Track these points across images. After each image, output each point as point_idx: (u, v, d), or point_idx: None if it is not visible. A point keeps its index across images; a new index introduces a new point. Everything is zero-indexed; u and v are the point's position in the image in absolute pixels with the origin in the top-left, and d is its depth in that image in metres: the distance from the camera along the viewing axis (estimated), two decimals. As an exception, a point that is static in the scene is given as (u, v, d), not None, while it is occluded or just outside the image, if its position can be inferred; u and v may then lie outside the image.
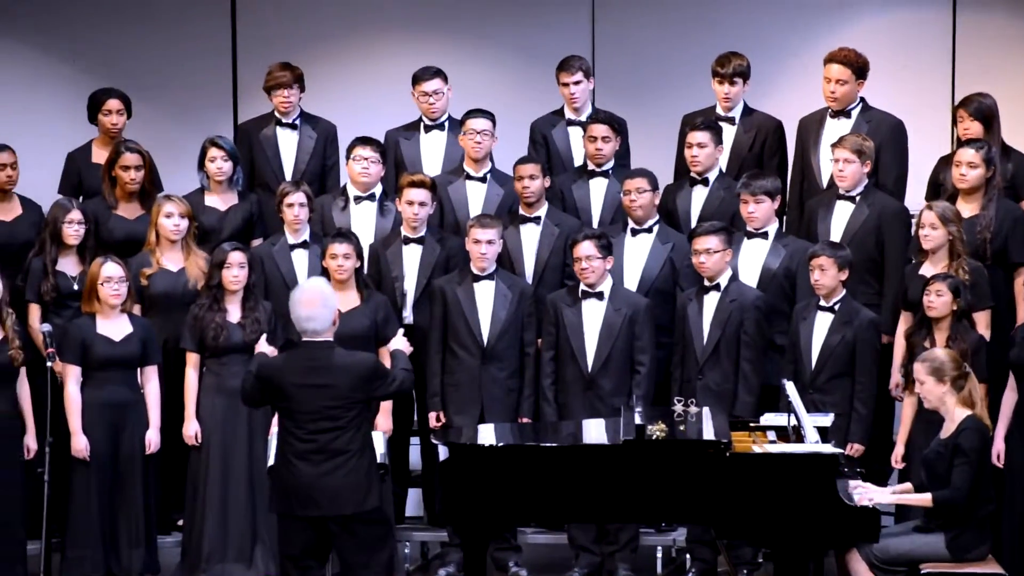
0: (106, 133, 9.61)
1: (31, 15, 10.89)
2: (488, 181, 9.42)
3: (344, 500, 7.41)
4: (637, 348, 8.82)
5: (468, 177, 9.42)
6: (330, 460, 7.40)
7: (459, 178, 9.44)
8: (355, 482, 7.42)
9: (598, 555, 8.91)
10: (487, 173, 9.44)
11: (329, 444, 7.41)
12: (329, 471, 7.40)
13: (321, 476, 7.39)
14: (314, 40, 10.92)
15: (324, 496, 7.40)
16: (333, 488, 7.39)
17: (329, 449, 7.41)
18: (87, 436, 8.65)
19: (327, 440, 7.40)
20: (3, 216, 9.29)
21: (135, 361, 8.75)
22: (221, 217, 9.37)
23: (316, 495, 7.40)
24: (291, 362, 7.50)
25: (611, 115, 9.48)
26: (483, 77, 10.72)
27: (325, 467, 7.40)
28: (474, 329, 8.90)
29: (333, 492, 7.39)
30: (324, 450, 7.41)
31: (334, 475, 7.40)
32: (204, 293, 8.88)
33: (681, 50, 10.81)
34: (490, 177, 9.43)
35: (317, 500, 7.40)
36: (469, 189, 9.42)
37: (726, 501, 7.53)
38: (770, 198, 8.99)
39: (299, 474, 7.40)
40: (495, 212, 9.26)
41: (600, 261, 8.79)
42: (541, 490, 7.61)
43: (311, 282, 7.83)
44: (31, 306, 9.00)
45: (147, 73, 10.74)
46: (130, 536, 8.73)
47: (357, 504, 7.42)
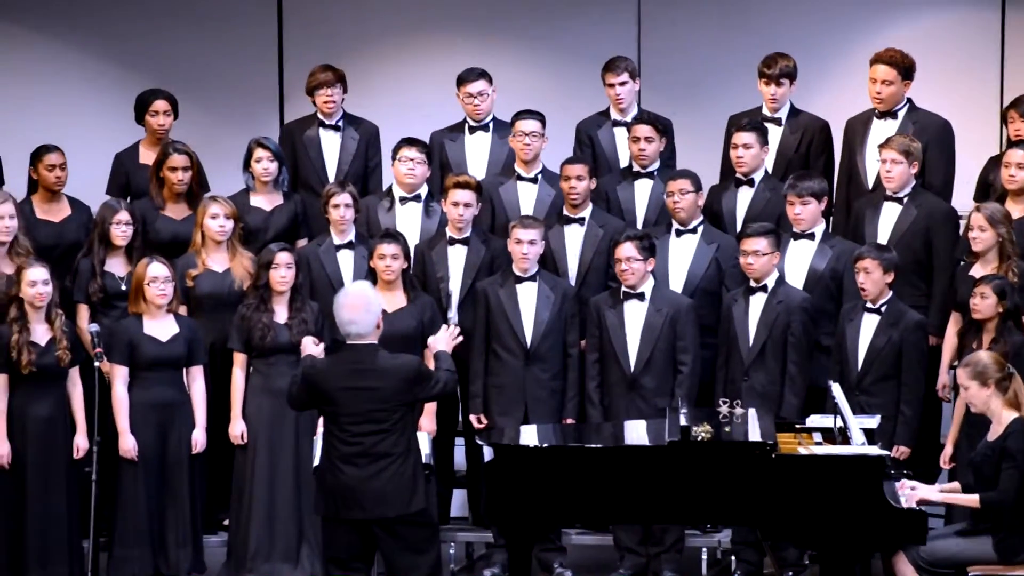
0: (153, 134, 9.64)
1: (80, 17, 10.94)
2: (539, 182, 9.41)
3: (389, 502, 7.40)
4: (679, 348, 8.81)
5: (519, 178, 9.42)
6: (375, 463, 7.40)
7: (510, 179, 9.44)
8: (400, 484, 7.41)
9: (643, 556, 8.89)
10: (538, 174, 9.43)
11: (374, 447, 7.41)
12: (374, 474, 7.39)
13: (366, 479, 7.39)
14: (360, 41, 10.94)
15: (369, 499, 7.39)
16: (378, 490, 7.39)
17: (374, 452, 7.40)
18: (134, 436, 8.69)
19: (372, 443, 7.40)
20: (52, 217, 9.34)
21: (181, 361, 8.78)
22: (266, 217, 9.39)
23: (360, 498, 7.39)
24: (335, 365, 7.51)
25: (655, 116, 9.47)
26: (528, 78, 10.72)
27: (370, 470, 7.40)
28: (517, 331, 8.91)
29: (378, 494, 7.39)
30: (369, 453, 7.40)
31: (378, 478, 7.39)
32: (251, 293, 8.90)
33: (727, 51, 10.79)
34: (541, 178, 9.42)
35: (362, 502, 7.40)
36: (520, 190, 9.42)
37: (772, 503, 7.50)
38: (816, 199, 8.96)
39: (344, 477, 7.40)
40: (545, 213, 9.26)
41: (641, 263, 8.78)
42: (586, 491, 7.60)
43: (355, 286, 7.86)
44: (80, 306, 9.03)
45: (194, 74, 10.78)
46: (177, 535, 8.76)
47: (402, 506, 7.42)
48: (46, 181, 9.29)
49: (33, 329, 8.60)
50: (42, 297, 8.58)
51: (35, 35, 10.93)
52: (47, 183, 9.29)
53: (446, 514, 9.33)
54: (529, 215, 9.14)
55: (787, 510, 7.50)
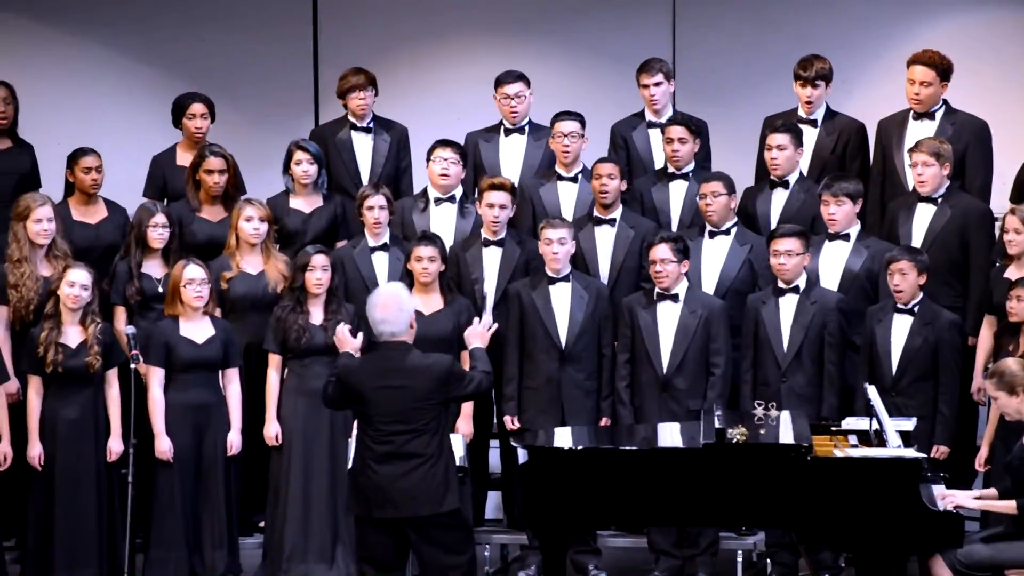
0: (190, 137, 9.67)
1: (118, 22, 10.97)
2: (579, 181, 9.41)
3: (421, 501, 7.39)
4: (712, 350, 8.79)
5: (559, 179, 9.43)
6: (406, 462, 7.38)
7: (550, 180, 9.44)
8: (432, 484, 7.39)
9: (678, 559, 8.88)
10: (578, 174, 9.43)
11: (405, 446, 7.39)
12: (405, 473, 7.38)
13: (397, 478, 7.37)
14: (395, 44, 10.95)
15: (400, 498, 7.37)
16: (409, 490, 7.37)
17: (405, 451, 7.39)
18: (170, 438, 8.71)
19: (404, 442, 7.40)
20: (88, 219, 9.37)
21: (217, 363, 8.81)
22: (305, 220, 9.41)
23: (393, 496, 7.37)
24: (368, 365, 7.52)
25: (689, 117, 9.46)
26: (563, 80, 10.72)
27: (401, 469, 7.38)
28: (551, 332, 8.91)
29: (410, 494, 7.37)
30: (400, 452, 7.39)
31: (410, 477, 7.38)
32: (287, 295, 8.93)
33: (762, 52, 10.77)
34: (581, 177, 9.42)
35: (394, 501, 7.38)
36: (560, 190, 9.42)
37: (807, 505, 7.49)
38: (851, 200, 8.94)
39: (375, 476, 7.39)
40: (586, 212, 9.25)
41: (675, 264, 8.77)
42: (621, 493, 7.60)
43: (387, 286, 7.88)
44: (117, 309, 9.05)
45: (231, 78, 10.81)
46: (213, 537, 8.78)
47: (434, 506, 7.40)
48: (82, 184, 9.33)
49: (65, 331, 8.63)
50: (76, 300, 8.61)
51: (73, 39, 10.98)
52: (83, 186, 9.33)
53: (481, 516, 9.34)
54: (557, 216, 9.13)
55: (823, 513, 7.49)
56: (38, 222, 8.87)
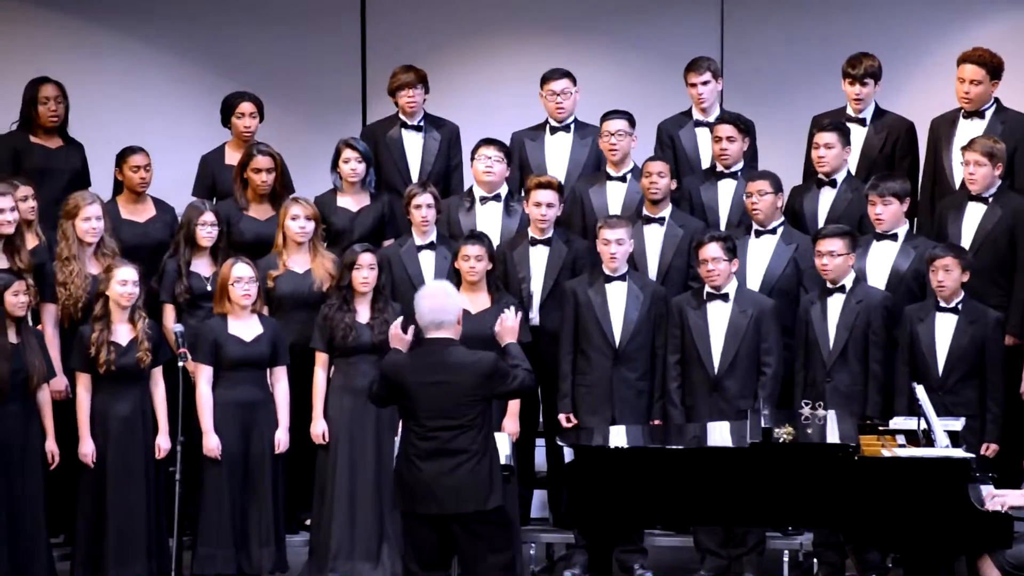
0: (239, 136, 9.71)
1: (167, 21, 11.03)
2: (628, 181, 9.40)
3: (465, 498, 7.37)
4: (763, 350, 8.77)
5: (608, 178, 9.42)
6: (451, 458, 7.36)
7: (600, 181, 9.43)
8: (476, 481, 7.37)
9: (724, 558, 8.86)
10: (627, 173, 9.42)
11: (450, 442, 7.38)
12: (449, 469, 7.36)
13: (443, 474, 7.35)
14: (443, 42, 10.96)
15: (445, 493, 7.36)
16: (454, 486, 7.36)
17: (450, 448, 7.38)
18: (218, 435, 8.74)
19: (448, 438, 7.38)
20: (137, 217, 9.41)
21: (265, 361, 8.83)
22: (352, 218, 9.43)
23: (437, 492, 7.36)
24: (414, 360, 7.51)
25: (737, 115, 9.43)
26: (610, 78, 10.71)
27: (445, 465, 7.36)
28: (606, 330, 8.90)
29: (454, 490, 7.36)
30: (445, 449, 7.38)
31: (455, 473, 7.36)
32: (334, 294, 8.95)
33: (811, 51, 10.73)
34: (630, 177, 9.41)
35: (438, 497, 7.37)
36: (609, 190, 9.41)
37: (854, 505, 7.46)
38: (898, 200, 8.90)
39: (420, 473, 7.38)
40: (635, 211, 9.24)
41: (726, 263, 8.75)
42: (667, 493, 7.58)
43: (436, 282, 7.94)
44: (165, 307, 9.09)
45: (279, 77, 10.84)
46: (260, 535, 8.80)
47: (479, 502, 7.38)
48: (131, 182, 9.37)
49: (115, 329, 8.67)
50: (128, 297, 8.66)
51: (123, 38, 11.03)
52: (132, 184, 9.37)
53: (527, 515, 9.33)
54: (615, 214, 9.12)
55: (870, 513, 7.46)
56: (87, 220, 8.92)
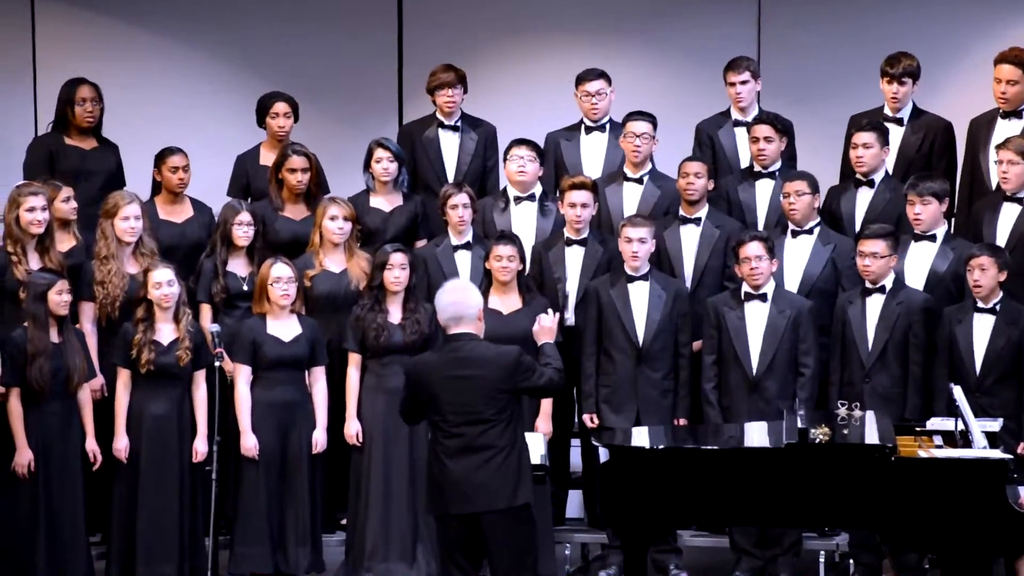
0: (274, 136, 9.73)
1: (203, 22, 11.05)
2: (645, 182, 9.39)
3: (495, 494, 7.33)
4: (801, 350, 8.75)
5: (625, 179, 9.41)
6: (479, 454, 7.33)
7: (617, 180, 9.42)
8: (505, 477, 7.33)
9: (760, 559, 8.84)
10: (644, 175, 9.41)
11: (477, 438, 7.34)
12: (478, 465, 7.32)
13: (471, 471, 7.32)
14: (479, 42, 10.96)
15: (475, 490, 7.32)
16: (483, 483, 7.32)
17: (477, 444, 7.34)
18: (256, 435, 8.76)
19: (475, 434, 7.34)
20: (174, 217, 9.44)
21: (303, 361, 8.85)
22: (385, 218, 9.44)
23: (467, 490, 7.33)
24: (437, 356, 7.48)
25: (775, 116, 9.41)
26: (648, 78, 10.70)
27: (476, 462, 7.33)
28: (629, 330, 8.88)
29: (483, 486, 7.32)
30: (472, 446, 7.33)
31: (483, 470, 7.32)
32: (366, 294, 8.95)
33: (849, 51, 10.69)
34: (647, 179, 9.39)
35: (469, 495, 7.33)
36: (625, 191, 9.41)
37: (891, 506, 7.44)
38: (937, 200, 8.87)
39: (449, 472, 7.35)
40: (650, 213, 9.23)
41: (767, 262, 8.74)
42: (702, 493, 7.58)
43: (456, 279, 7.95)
44: (203, 306, 9.10)
45: (314, 77, 10.86)
46: (297, 534, 8.82)
47: (509, 499, 7.34)
48: (169, 183, 9.40)
49: (159, 328, 8.69)
50: (168, 299, 8.68)
51: (159, 39, 11.07)
52: (170, 185, 9.40)
53: (561, 515, 9.33)
54: (638, 214, 9.11)
55: (907, 514, 7.44)
56: (125, 220, 8.95)
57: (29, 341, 8.43)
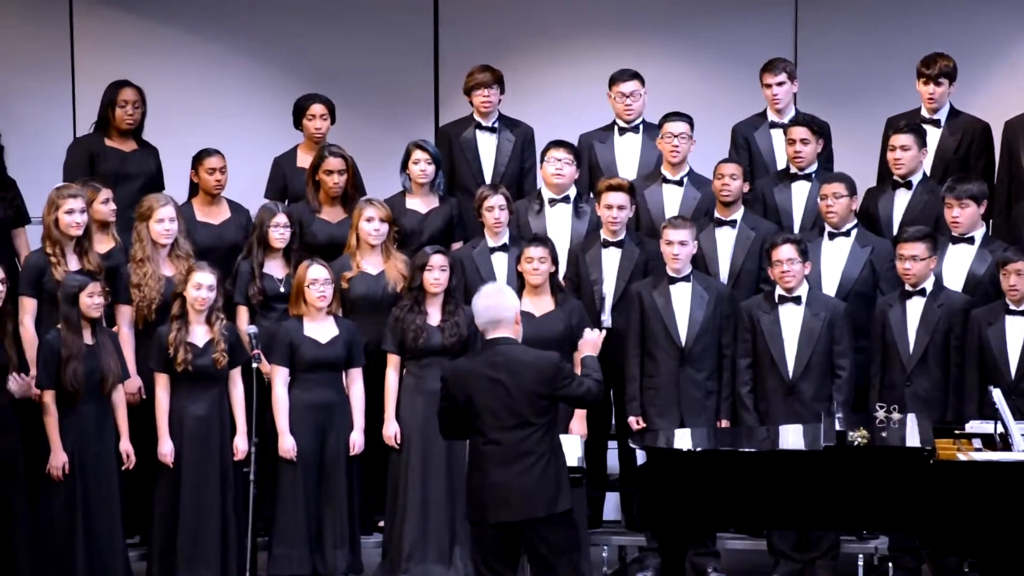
0: (311, 138, 9.74)
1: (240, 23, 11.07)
2: (685, 184, 9.37)
3: (536, 502, 7.31)
4: (837, 353, 8.72)
5: (665, 180, 9.39)
6: (519, 461, 7.30)
7: (656, 182, 9.41)
8: (546, 483, 7.31)
9: (798, 562, 8.82)
10: (684, 176, 9.39)
11: (517, 445, 7.31)
12: (520, 473, 7.30)
13: (513, 478, 7.30)
14: (515, 43, 10.94)
15: (515, 498, 7.30)
16: (524, 490, 7.29)
17: (518, 450, 7.30)
18: (294, 437, 8.78)
19: (514, 440, 7.32)
20: (211, 219, 9.46)
21: (341, 363, 8.86)
22: (422, 220, 9.45)
23: (508, 497, 7.30)
24: (475, 360, 7.46)
25: (812, 117, 9.39)
26: (684, 80, 10.67)
27: (516, 469, 7.31)
28: (672, 332, 8.87)
29: (524, 494, 7.30)
30: (512, 451, 7.31)
31: (525, 477, 7.30)
32: (405, 295, 8.96)
33: (886, 52, 10.66)
34: (687, 180, 9.38)
35: (510, 503, 7.31)
36: (665, 192, 9.39)
37: (930, 509, 7.41)
38: (975, 202, 8.83)
39: (489, 478, 7.32)
40: (691, 215, 9.22)
41: (799, 265, 8.72)
42: (740, 495, 7.56)
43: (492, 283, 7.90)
44: (239, 308, 9.12)
45: (351, 78, 10.86)
46: (334, 536, 8.83)
47: (550, 506, 7.32)
48: (206, 184, 9.42)
49: (193, 330, 8.72)
50: (203, 302, 8.70)
51: (196, 40, 11.09)
52: (207, 186, 9.42)
53: (599, 517, 9.32)
54: (680, 216, 9.10)
55: (946, 517, 7.41)
56: (160, 222, 8.97)
57: (63, 344, 8.46)
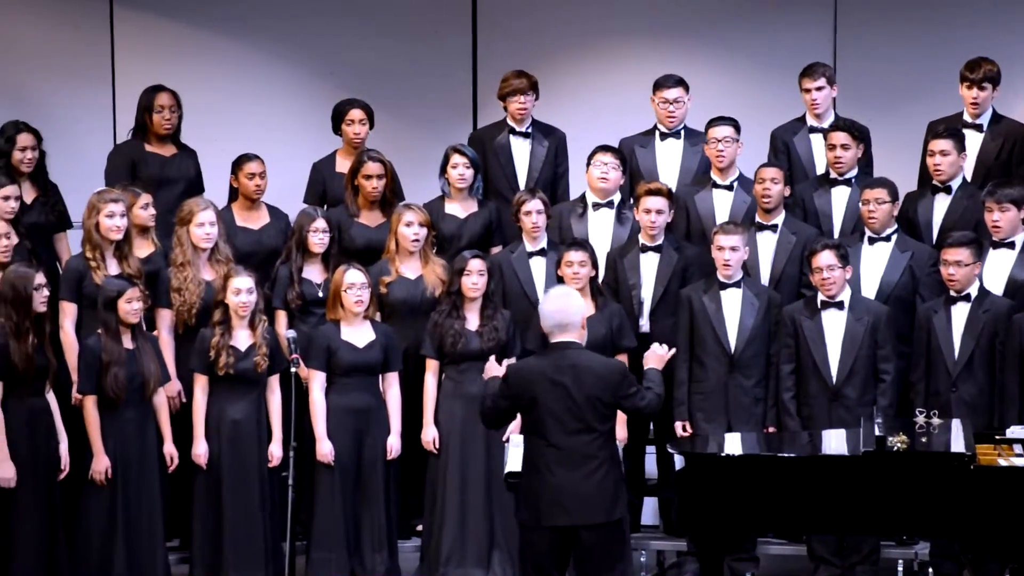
0: (349, 143, 9.75)
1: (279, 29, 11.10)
2: (735, 189, 9.35)
3: (594, 508, 7.29)
4: (880, 357, 8.69)
5: (714, 186, 9.37)
6: (580, 466, 7.28)
7: (705, 187, 9.39)
8: (605, 490, 7.30)
9: (838, 567, 8.79)
10: (734, 181, 9.37)
11: (579, 448, 7.29)
12: (581, 478, 7.28)
13: (573, 482, 7.27)
14: (552, 48, 10.95)
15: (574, 503, 7.28)
16: (584, 495, 7.27)
17: (578, 454, 7.28)
18: (331, 441, 8.79)
19: (576, 444, 7.30)
20: (251, 224, 9.48)
21: (378, 367, 8.87)
22: (460, 224, 9.45)
23: (566, 501, 7.28)
24: (540, 362, 7.43)
25: (852, 122, 9.35)
26: (723, 85, 10.66)
27: (577, 473, 7.28)
28: (721, 337, 8.85)
29: (583, 499, 7.27)
30: (573, 456, 7.28)
31: (586, 482, 7.28)
32: (444, 300, 8.97)
33: (925, 55, 10.62)
34: (737, 185, 9.35)
35: (567, 507, 7.28)
36: (716, 198, 9.37)
37: (970, 515, 7.37)
38: (1016, 207, 8.79)
39: (548, 481, 7.29)
40: (741, 220, 9.19)
41: (840, 271, 8.69)
42: (779, 500, 7.54)
43: (560, 286, 7.91)
44: (278, 313, 9.14)
45: (389, 84, 10.88)
46: (372, 540, 8.84)
47: (607, 513, 7.31)
48: (246, 189, 9.44)
49: (235, 334, 8.74)
50: (245, 307, 8.72)
51: (237, 46, 11.13)
52: (247, 191, 9.44)
53: (637, 522, 9.31)
54: (731, 221, 9.07)
55: (987, 523, 7.37)
56: (200, 226, 9.00)
57: (103, 350, 8.49)
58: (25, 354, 8.37)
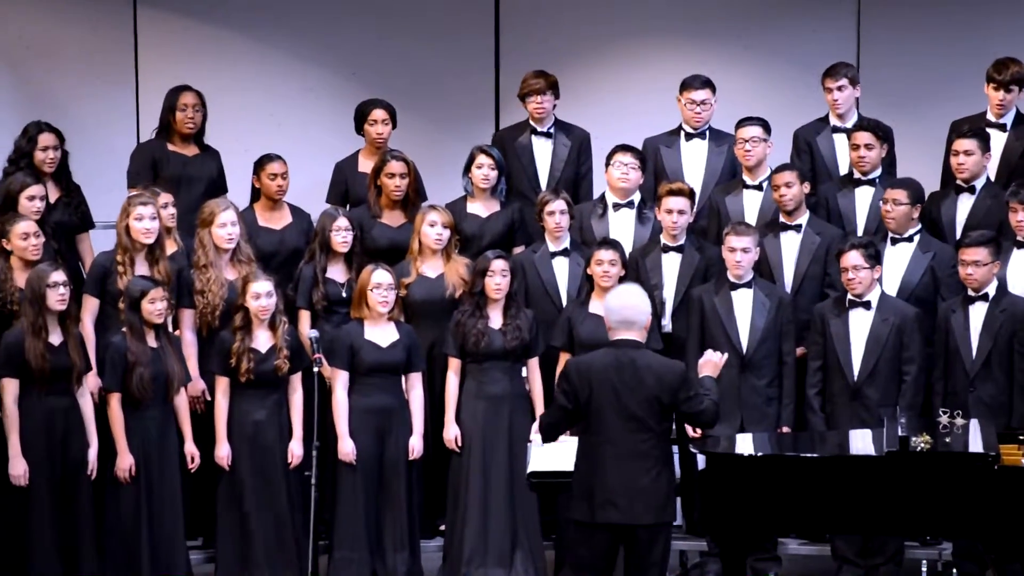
0: (372, 143, 9.76)
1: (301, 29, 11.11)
2: (765, 189, 9.33)
3: (648, 508, 7.28)
4: (905, 358, 8.68)
5: (745, 186, 9.36)
6: (636, 465, 7.28)
7: (736, 189, 9.37)
8: (659, 491, 7.30)
9: (861, 567, 8.77)
10: (763, 181, 9.35)
11: (635, 447, 7.29)
12: (636, 476, 7.28)
13: (629, 480, 7.27)
14: (575, 48, 10.93)
15: (628, 501, 7.27)
16: (638, 494, 7.27)
17: (635, 452, 7.28)
18: (353, 440, 8.80)
19: (633, 443, 7.29)
20: (273, 224, 9.49)
21: (401, 367, 8.87)
22: (482, 224, 9.45)
23: (620, 500, 7.28)
24: (602, 359, 7.40)
25: (875, 122, 9.33)
26: (745, 85, 10.64)
27: (633, 471, 7.27)
28: (732, 337, 8.84)
29: (638, 498, 7.27)
30: (628, 454, 7.28)
31: (641, 481, 7.28)
32: (467, 300, 8.97)
33: (949, 55, 10.60)
34: (767, 185, 9.33)
35: (620, 505, 7.28)
36: (746, 198, 9.35)
37: (994, 516, 7.36)
38: (1041, 207, 8.77)
39: (600, 478, 7.28)
40: (771, 218, 9.17)
41: (867, 271, 8.67)
42: (802, 500, 7.54)
43: (628, 284, 7.89)
44: (301, 312, 9.14)
45: (412, 84, 10.88)
46: (395, 540, 8.84)
47: (659, 514, 7.31)
48: (268, 189, 9.45)
49: (256, 336, 8.76)
50: (265, 311, 8.73)
51: (259, 47, 11.13)
52: (269, 191, 9.45)
53: (660, 522, 9.29)
54: (743, 222, 9.07)
55: (1011, 523, 7.36)
56: (222, 227, 9.01)
57: (128, 350, 8.51)
58: (41, 352, 8.39)
